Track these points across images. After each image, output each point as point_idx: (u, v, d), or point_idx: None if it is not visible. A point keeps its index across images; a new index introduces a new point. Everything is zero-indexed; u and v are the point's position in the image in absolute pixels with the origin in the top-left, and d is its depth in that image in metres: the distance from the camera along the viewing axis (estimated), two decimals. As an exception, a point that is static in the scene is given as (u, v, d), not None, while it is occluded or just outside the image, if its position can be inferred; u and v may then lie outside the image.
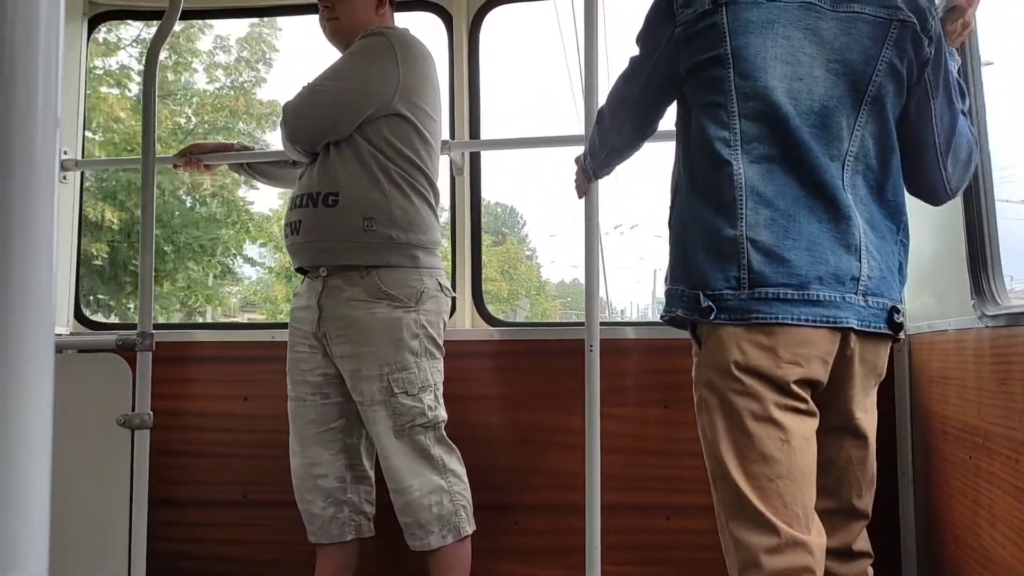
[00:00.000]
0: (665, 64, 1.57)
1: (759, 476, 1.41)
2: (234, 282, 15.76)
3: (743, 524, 1.42)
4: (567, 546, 2.44)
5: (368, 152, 2.19)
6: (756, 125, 1.46)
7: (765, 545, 1.39)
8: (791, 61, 1.46)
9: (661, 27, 1.56)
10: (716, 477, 1.46)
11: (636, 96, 1.66)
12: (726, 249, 1.45)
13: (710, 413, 1.46)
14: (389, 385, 2.15)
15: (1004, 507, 1.47)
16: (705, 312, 1.45)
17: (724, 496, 1.45)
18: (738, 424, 1.42)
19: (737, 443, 1.42)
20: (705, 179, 1.50)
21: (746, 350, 1.43)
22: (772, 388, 1.42)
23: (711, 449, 1.46)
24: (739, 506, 1.42)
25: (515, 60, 39.49)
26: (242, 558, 2.69)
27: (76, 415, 2.25)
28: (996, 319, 1.64)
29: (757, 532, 1.40)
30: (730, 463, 1.42)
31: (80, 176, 3.02)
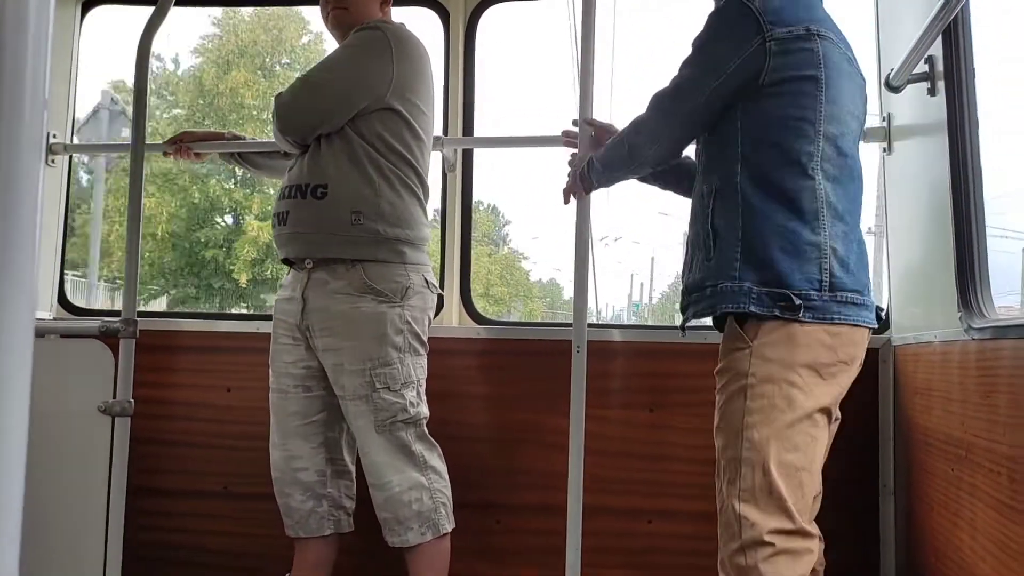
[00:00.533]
0: (746, 71, 1.68)
1: (788, 466, 1.57)
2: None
3: (760, 507, 1.56)
4: (548, 547, 2.43)
5: (359, 146, 2.18)
6: (831, 146, 1.68)
7: (779, 527, 1.55)
8: (851, 100, 1.73)
9: (746, 37, 1.67)
10: (744, 461, 1.59)
11: (701, 103, 1.71)
12: (808, 253, 1.63)
13: (758, 400, 1.59)
14: (372, 380, 2.14)
15: (985, 520, 1.48)
16: (795, 309, 1.60)
17: (748, 480, 1.58)
18: (785, 416, 1.58)
19: (779, 433, 1.57)
20: (781, 186, 1.66)
21: (813, 347, 1.60)
22: (823, 388, 1.61)
23: (748, 434, 1.59)
24: (765, 490, 1.56)
25: (510, 59, 39.50)
26: (222, 550, 2.67)
27: (57, 400, 2.22)
28: (982, 332, 1.64)
29: (774, 515, 1.55)
30: (770, 450, 1.57)
31: (69, 160, 3.00)
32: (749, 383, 1.61)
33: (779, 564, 1.55)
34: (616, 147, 1.87)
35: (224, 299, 17.21)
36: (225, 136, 2.70)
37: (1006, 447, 1.38)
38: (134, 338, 2.26)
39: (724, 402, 1.67)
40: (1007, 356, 1.43)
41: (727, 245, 1.68)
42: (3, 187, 0.47)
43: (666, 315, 35.70)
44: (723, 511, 1.63)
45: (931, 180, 1.99)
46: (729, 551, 1.59)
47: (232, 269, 16.73)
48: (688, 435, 2.43)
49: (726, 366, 1.69)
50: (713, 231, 1.71)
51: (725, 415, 1.66)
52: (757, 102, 1.68)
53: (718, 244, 1.70)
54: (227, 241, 17.40)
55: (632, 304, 34.84)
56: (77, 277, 15.08)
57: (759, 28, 1.65)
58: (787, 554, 1.55)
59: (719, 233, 1.70)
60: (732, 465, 1.61)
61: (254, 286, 17.00)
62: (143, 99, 2.36)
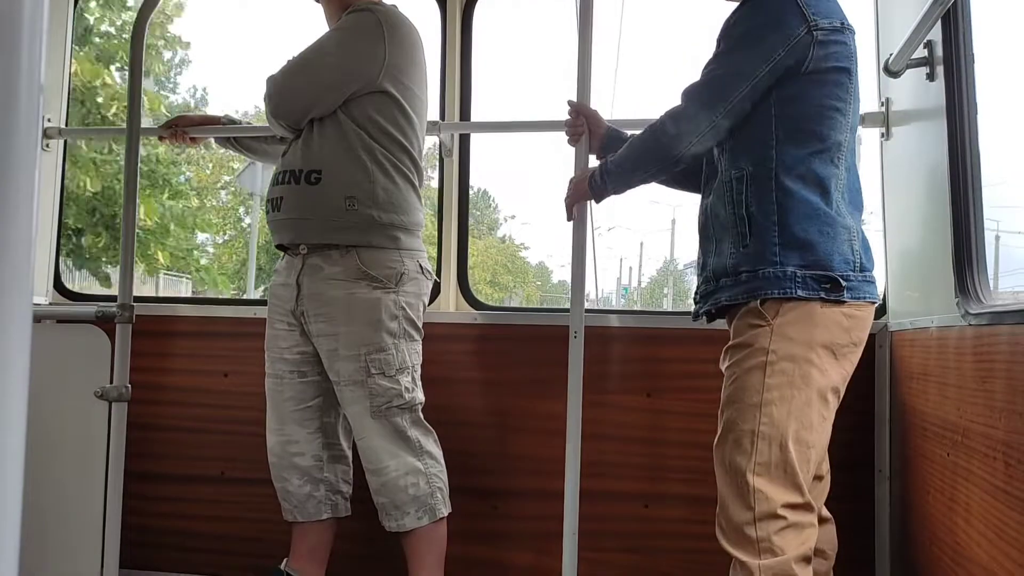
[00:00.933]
0: (792, 59, 1.70)
1: (803, 442, 1.64)
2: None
3: (775, 481, 1.62)
4: (545, 531, 2.45)
5: (352, 130, 2.17)
6: (850, 137, 1.76)
7: (791, 501, 1.62)
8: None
9: (793, 26, 1.69)
10: (761, 436, 1.64)
11: (747, 91, 1.71)
12: (842, 235, 1.70)
13: (777, 377, 1.64)
14: (367, 366, 2.14)
15: (981, 505, 1.49)
16: (839, 290, 1.67)
17: (764, 455, 1.63)
18: (803, 394, 1.64)
19: (797, 410, 1.63)
20: (815, 172, 1.71)
21: (830, 327, 1.67)
22: (836, 368, 1.68)
23: (767, 410, 1.64)
24: (780, 466, 1.62)
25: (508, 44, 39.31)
26: (219, 534, 2.67)
27: (53, 386, 2.22)
28: (979, 317, 1.64)
29: (787, 490, 1.62)
30: (788, 427, 1.63)
31: (63, 144, 2.98)
32: (769, 360, 1.65)
33: (788, 537, 1.61)
34: (644, 146, 1.83)
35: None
36: (221, 120, 2.69)
37: (1002, 432, 1.38)
38: (130, 323, 2.26)
39: (739, 376, 1.70)
40: (1004, 342, 1.44)
41: (763, 230, 1.71)
42: (1, 174, 0.47)
43: (655, 299, 36.12)
44: (730, 481, 1.67)
45: (929, 165, 1.98)
46: (739, 521, 1.63)
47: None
48: (686, 420, 2.44)
49: (743, 342, 1.72)
50: (748, 217, 1.73)
51: (740, 389, 1.69)
52: (794, 89, 1.72)
53: (753, 230, 1.72)
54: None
55: (621, 288, 35.01)
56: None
57: (804, 18, 1.68)
58: (796, 527, 1.62)
59: (754, 218, 1.72)
60: (746, 438, 1.65)
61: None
62: (138, 82, 2.35)
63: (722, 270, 1.77)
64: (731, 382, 1.73)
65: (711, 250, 1.82)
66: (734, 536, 1.65)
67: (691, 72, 1.94)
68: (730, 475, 1.67)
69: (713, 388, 2.29)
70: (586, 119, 2.06)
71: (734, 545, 1.65)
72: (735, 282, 1.75)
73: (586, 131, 2.06)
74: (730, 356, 1.76)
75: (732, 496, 1.66)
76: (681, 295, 38.34)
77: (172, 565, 2.68)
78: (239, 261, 20.11)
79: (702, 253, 1.87)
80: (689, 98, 1.78)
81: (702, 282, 1.85)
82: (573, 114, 2.07)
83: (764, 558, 1.60)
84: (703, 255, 1.87)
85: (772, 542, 1.60)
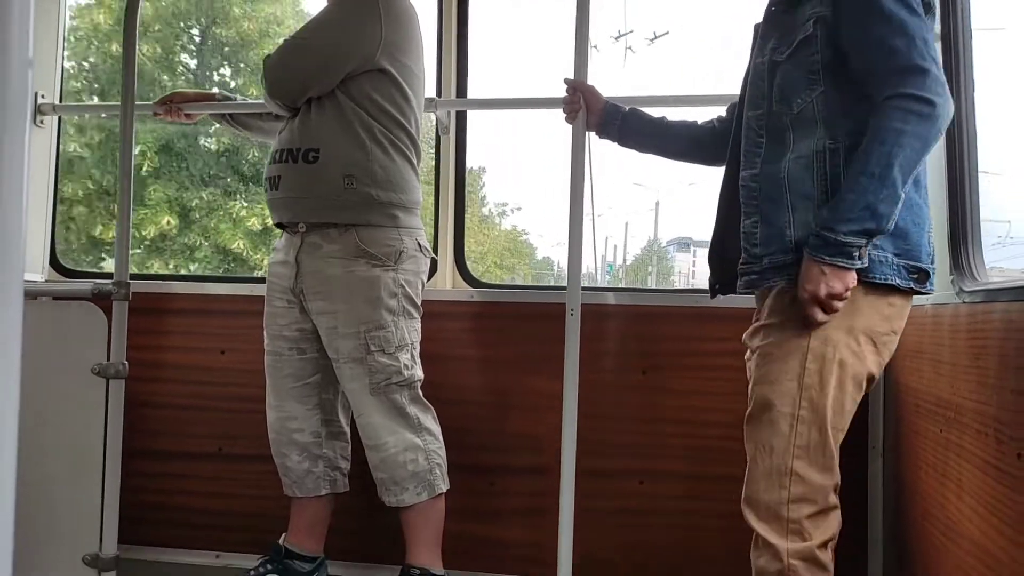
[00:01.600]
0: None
1: (838, 428, 1.64)
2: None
3: (813, 464, 1.62)
4: (541, 508, 2.47)
5: (350, 108, 2.16)
6: None
7: (827, 485, 1.63)
8: None
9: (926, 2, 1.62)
10: (801, 420, 1.63)
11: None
12: (926, 226, 1.65)
13: (818, 363, 1.62)
14: (366, 343, 2.15)
15: (972, 480, 1.50)
16: (924, 282, 1.64)
17: (804, 438, 1.63)
18: (843, 380, 1.63)
19: (836, 396, 1.62)
20: None
21: (872, 316, 1.63)
22: (874, 356, 1.65)
23: (808, 395, 1.62)
24: (820, 449, 1.62)
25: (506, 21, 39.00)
26: (217, 510, 2.69)
27: (51, 362, 2.22)
28: (974, 295, 1.65)
29: (823, 473, 1.63)
30: (828, 412, 1.62)
31: (58, 121, 2.96)
32: (811, 345, 1.62)
33: (818, 521, 1.62)
34: (907, 146, 1.53)
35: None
36: (216, 97, 2.68)
37: (994, 409, 1.39)
38: (127, 300, 2.26)
39: (777, 357, 1.66)
40: (998, 319, 1.44)
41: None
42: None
43: (639, 276, 36.44)
44: (765, 461, 1.65)
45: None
46: (770, 500, 1.63)
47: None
48: (681, 397, 2.45)
49: (782, 323, 1.66)
50: (834, 192, 1.61)
51: (779, 371, 1.65)
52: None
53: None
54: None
55: (606, 265, 35.19)
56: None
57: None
58: (826, 512, 1.63)
59: (821, 193, 1.63)
60: (784, 420, 1.63)
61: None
62: (132, 58, 2.33)
63: (790, 243, 1.64)
64: (767, 362, 1.67)
65: (775, 218, 1.68)
66: (764, 514, 1.64)
67: (700, 49, 1.87)
68: (766, 455, 1.65)
69: (709, 366, 2.30)
70: (583, 95, 2.04)
71: (762, 523, 1.64)
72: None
73: (583, 107, 2.04)
74: (764, 335, 1.70)
75: (765, 475, 1.65)
76: (665, 272, 38.73)
77: (171, 541, 2.70)
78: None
79: (752, 222, 1.71)
80: (915, 99, 1.53)
81: (752, 259, 1.70)
82: (570, 91, 2.06)
83: (792, 540, 1.60)
84: (753, 224, 1.71)
85: (802, 524, 1.60)
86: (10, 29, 0.48)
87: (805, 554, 1.60)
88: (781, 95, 1.71)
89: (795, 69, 1.69)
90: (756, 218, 1.71)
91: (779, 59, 1.72)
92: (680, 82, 55.07)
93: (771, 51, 1.74)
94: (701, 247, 50.54)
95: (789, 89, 1.69)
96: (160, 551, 2.69)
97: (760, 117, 1.74)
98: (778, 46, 1.73)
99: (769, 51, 1.75)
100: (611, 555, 2.48)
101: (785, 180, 1.68)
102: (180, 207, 13.17)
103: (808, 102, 1.67)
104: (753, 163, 1.74)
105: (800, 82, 1.68)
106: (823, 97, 1.66)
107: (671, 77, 44.51)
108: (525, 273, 28.63)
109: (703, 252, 49.05)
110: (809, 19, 1.67)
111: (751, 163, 1.74)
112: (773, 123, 1.72)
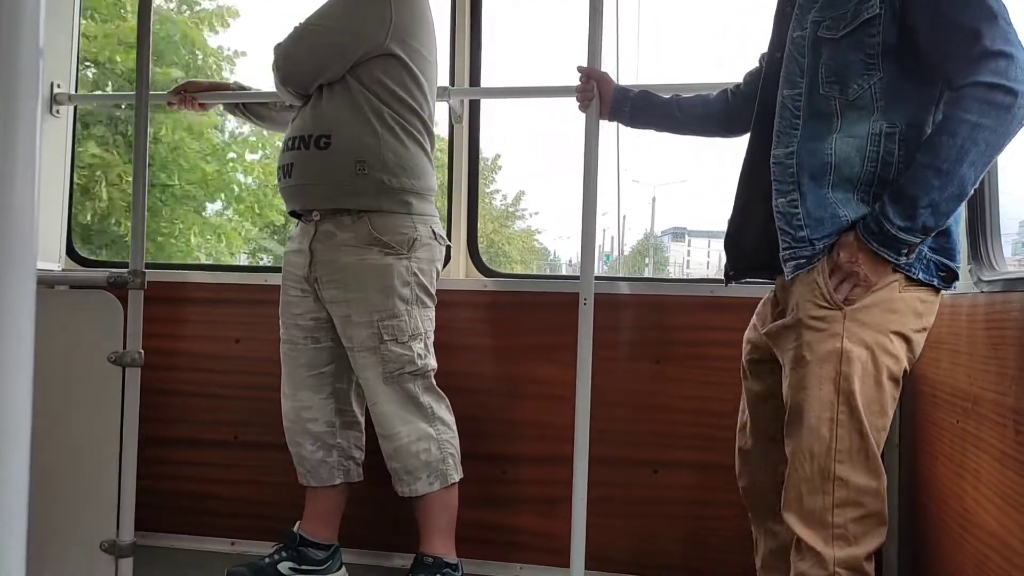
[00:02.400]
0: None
1: (877, 428, 1.58)
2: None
3: (857, 467, 1.57)
4: (554, 496, 2.47)
5: (360, 94, 2.16)
6: None
7: (872, 487, 1.57)
8: None
9: None
10: (841, 424, 1.57)
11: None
12: (958, 225, 1.61)
13: (854, 366, 1.56)
14: (379, 332, 2.15)
15: (989, 471, 1.49)
16: (950, 281, 1.61)
17: (845, 442, 1.57)
18: (879, 381, 1.58)
19: (873, 398, 1.57)
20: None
21: (906, 314, 1.58)
22: (906, 353, 1.60)
23: (845, 398, 1.56)
24: (862, 453, 1.57)
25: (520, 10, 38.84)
26: (232, 498, 2.71)
27: (67, 351, 2.24)
28: (992, 284, 1.63)
29: (867, 476, 1.57)
30: (866, 415, 1.56)
31: (74, 111, 2.97)
32: (844, 348, 1.56)
33: (865, 525, 1.57)
34: (982, 142, 1.44)
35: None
36: (230, 86, 2.68)
37: (1012, 399, 1.38)
38: (142, 289, 2.27)
39: (810, 362, 1.59)
40: (1016, 309, 1.43)
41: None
42: (2, 137, 0.47)
43: (637, 266, 36.76)
44: (807, 467, 1.59)
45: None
46: (814, 507, 1.58)
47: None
48: (695, 387, 2.44)
49: (811, 325, 1.59)
50: (893, 179, 1.54)
51: (813, 375, 1.59)
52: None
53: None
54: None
55: (603, 255, 35.29)
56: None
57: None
58: (874, 516, 1.58)
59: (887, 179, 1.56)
60: (824, 426, 1.57)
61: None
62: (146, 48, 2.33)
63: (857, 221, 1.57)
64: (801, 366, 1.61)
65: (820, 197, 1.60)
66: (808, 520, 1.59)
67: (716, 35, 1.82)
68: (807, 461, 1.60)
69: (723, 356, 2.30)
70: (596, 82, 2.02)
71: (806, 528, 1.59)
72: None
73: (596, 95, 2.02)
74: (796, 337, 1.63)
75: (807, 480, 1.59)
76: (661, 263, 39.13)
77: (187, 528, 2.72)
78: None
79: (789, 200, 1.62)
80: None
81: (793, 241, 1.61)
82: (584, 78, 2.04)
83: (838, 547, 1.56)
84: (791, 203, 1.62)
85: (847, 529, 1.56)
86: (21, 17, 0.48)
87: (851, 563, 1.56)
88: (832, 77, 1.59)
89: (851, 50, 1.57)
90: (794, 196, 1.61)
91: (829, 36, 1.60)
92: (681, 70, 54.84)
93: (815, 25, 1.62)
94: (696, 236, 50.51)
95: (843, 72, 1.58)
96: (176, 538, 2.71)
97: (797, 97, 1.64)
98: (825, 20, 1.61)
99: (812, 24, 1.62)
100: (624, 543, 2.48)
101: (832, 157, 1.59)
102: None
103: (866, 88, 1.57)
104: (788, 142, 1.64)
105: (856, 66, 1.57)
106: (881, 83, 1.56)
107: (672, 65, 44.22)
108: (539, 266, 28.86)
109: (697, 242, 48.64)
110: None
111: (786, 142, 1.64)
112: (816, 105, 1.62)
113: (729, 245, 1.85)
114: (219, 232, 11.30)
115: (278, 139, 5.18)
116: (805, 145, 1.62)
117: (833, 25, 1.60)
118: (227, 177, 11.24)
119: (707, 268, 45.62)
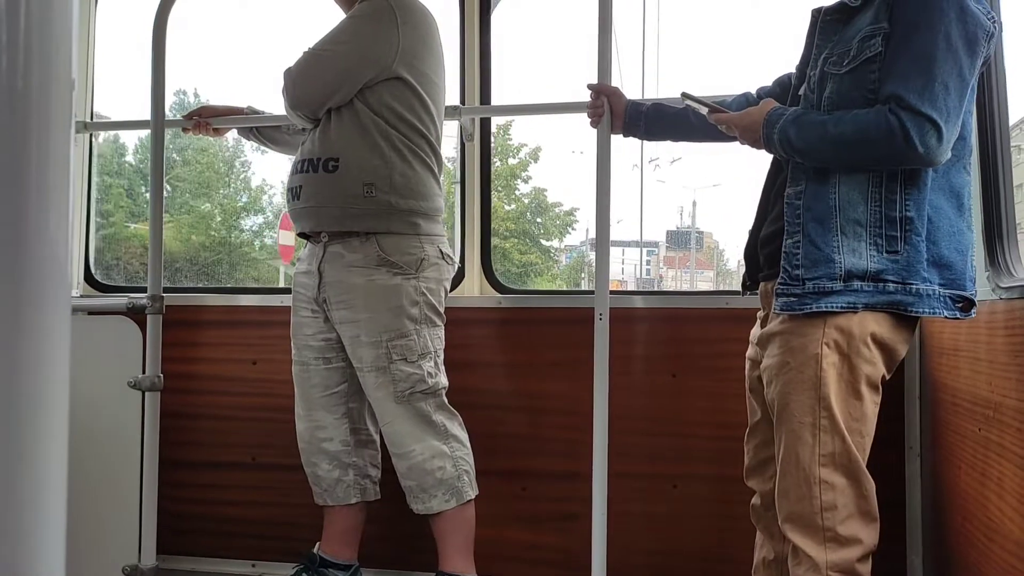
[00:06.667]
0: (983, 62, 1.60)
1: (858, 433, 1.63)
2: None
3: (840, 471, 1.61)
4: (573, 513, 2.46)
5: (368, 117, 2.18)
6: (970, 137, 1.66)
7: (858, 489, 1.62)
8: None
9: (985, 29, 1.55)
10: (823, 428, 1.62)
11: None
12: (970, 252, 1.62)
13: (832, 371, 1.61)
14: (388, 352, 2.16)
15: (1013, 479, 1.47)
16: (968, 309, 1.63)
17: (828, 447, 1.61)
18: (858, 386, 1.62)
19: (852, 403, 1.62)
20: (951, 181, 1.61)
21: (883, 321, 1.62)
22: (885, 359, 1.63)
23: (825, 404, 1.61)
24: (844, 456, 1.61)
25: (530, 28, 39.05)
26: (252, 519, 2.71)
27: (88, 376, 2.26)
28: (1010, 291, 1.63)
29: (851, 479, 1.61)
30: (847, 420, 1.61)
31: (89, 139, 3.01)
32: (823, 353, 1.60)
33: (853, 526, 1.61)
34: (825, 148, 1.60)
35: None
36: (244, 110, 2.70)
37: (1035, 407, 1.37)
38: (160, 314, 2.29)
39: (792, 368, 1.64)
40: (1036, 315, 1.42)
41: (917, 240, 1.57)
42: (37, 171, 0.48)
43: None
44: (795, 472, 1.64)
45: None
46: (804, 511, 1.62)
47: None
48: (712, 400, 2.43)
49: (791, 331, 1.65)
50: (901, 221, 1.58)
51: (794, 381, 1.64)
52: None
53: (910, 238, 1.57)
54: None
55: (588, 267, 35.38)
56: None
57: (991, 22, 1.56)
58: (860, 516, 1.62)
59: (913, 224, 1.57)
60: (807, 430, 1.62)
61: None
62: (161, 74, 2.36)
63: (858, 271, 1.59)
64: (784, 372, 1.66)
65: (821, 241, 1.62)
66: (799, 523, 1.63)
67: (730, 50, 1.84)
68: (793, 466, 1.64)
69: (740, 368, 2.29)
70: (607, 98, 2.03)
71: (799, 533, 1.63)
72: (876, 289, 1.59)
73: (607, 111, 2.03)
74: (776, 343, 1.68)
75: (796, 486, 1.64)
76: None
77: (208, 550, 2.73)
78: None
79: (794, 242, 1.64)
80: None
81: (792, 269, 1.64)
82: (594, 95, 2.05)
83: (830, 551, 1.59)
84: (795, 244, 1.64)
85: (837, 532, 1.59)
86: (53, 52, 0.49)
87: (844, 566, 1.59)
88: (833, 111, 1.62)
89: (853, 87, 1.61)
90: (798, 238, 1.63)
91: (834, 72, 1.64)
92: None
93: (824, 62, 1.67)
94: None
95: (845, 108, 1.60)
96: (197, 560, 2.72)
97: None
98: (832, 56, 1.65)
99: (823, 60, 1.67)
100: (645, 559, 2.47)
101: (835, 200, 1.61)
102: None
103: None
104: (798, 179, 1.66)
105: (857, 102, 1.59)
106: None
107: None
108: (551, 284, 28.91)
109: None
110: (876, 35, 1.58)
111: (796, 178, 1.67)
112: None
113: (748, 254, 1.87)
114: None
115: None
116: (811, 186, 1.64)
117: (838, 61, 1.64)
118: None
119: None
